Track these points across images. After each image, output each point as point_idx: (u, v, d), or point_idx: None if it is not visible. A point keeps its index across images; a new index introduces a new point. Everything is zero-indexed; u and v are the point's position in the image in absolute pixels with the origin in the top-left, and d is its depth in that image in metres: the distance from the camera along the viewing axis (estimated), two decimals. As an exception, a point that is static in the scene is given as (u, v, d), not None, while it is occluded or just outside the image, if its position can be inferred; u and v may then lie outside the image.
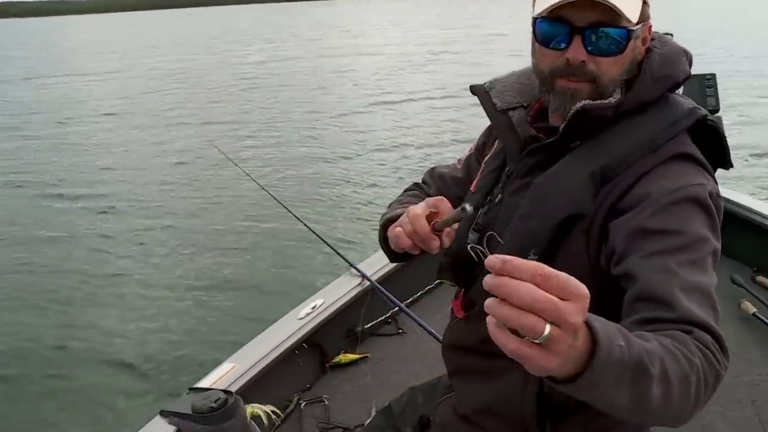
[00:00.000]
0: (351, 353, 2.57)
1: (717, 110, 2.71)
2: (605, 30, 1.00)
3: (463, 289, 1.25)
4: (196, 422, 1.65)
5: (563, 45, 1.03)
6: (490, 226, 1.14)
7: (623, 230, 0.97)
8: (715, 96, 2.75)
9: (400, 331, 2.76)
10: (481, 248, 1.14)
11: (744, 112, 10.67)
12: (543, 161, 1.09)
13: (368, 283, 2.60)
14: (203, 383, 1.97)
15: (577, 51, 1.01)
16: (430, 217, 1.02)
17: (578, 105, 1.01)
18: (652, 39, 1.10)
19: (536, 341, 0.60)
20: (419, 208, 1.02)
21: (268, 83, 18.02)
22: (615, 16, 0.99)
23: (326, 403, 2.33)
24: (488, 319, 0.62)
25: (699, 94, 2.71)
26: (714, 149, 1.09)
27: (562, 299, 0.60)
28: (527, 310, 0.59)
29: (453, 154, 9.09)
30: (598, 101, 1.02)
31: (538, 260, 0.65)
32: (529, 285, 0.59)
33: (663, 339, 0.79)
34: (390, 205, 1.34)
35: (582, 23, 1.00)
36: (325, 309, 2.45)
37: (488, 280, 0.61)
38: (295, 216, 3.02)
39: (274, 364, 2.16)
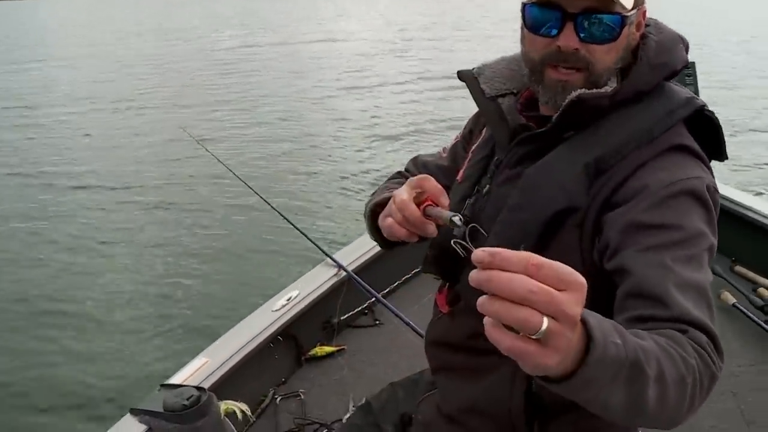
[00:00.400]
0: (327, 345, 2.54)
1: None
2: (598, 16, 0.96)
3: (448, 283, 1.20)
4: (168, 421, 1.61)
5: (554, 32, 0.98)
6: (477, 217, 1.08)
7: (618, 224, 0.93)
8: (695, 84, 2.73)
9: (377, 322, 2.73)
10: (463, 242, 1.08)
11: (711, 95, 10.84)
12: (534, 151, 1.04)
13: (344, 273, 2.57)
14: (175, 379, 1.92)
15: (569, 38, 0.97)
16: (417, 199, 0.96)
17: (574, 94, 0.97)
18: (647, 25, 1.06)
19: (534, 337, 0.56)
20: (405, 193, 0.96)
21: (244, 68, 17.75)
22: (608, 2, 0.95)
23: (302, 397, 2.29)
24: (485, 319, 0.58)
25: (678, 83, 2.69)
26: (709, 140, 1.06)
27: (558, 290, 0.55)
28: (521, 303, 0.54)
29: (431, 137, 9.09)
30: (594, 90, 0.98)
31: None
32: (521, 276, 0.55)
33: (658, 338, 0.76)
34: (374, 194, 1.28)
35: (574, 9, 0.96)
36: (301, 300, 2.41)
37: (475, 276, 0.56)
38: (270, 206, 2.95)
39: (248, 358, 2.12)
